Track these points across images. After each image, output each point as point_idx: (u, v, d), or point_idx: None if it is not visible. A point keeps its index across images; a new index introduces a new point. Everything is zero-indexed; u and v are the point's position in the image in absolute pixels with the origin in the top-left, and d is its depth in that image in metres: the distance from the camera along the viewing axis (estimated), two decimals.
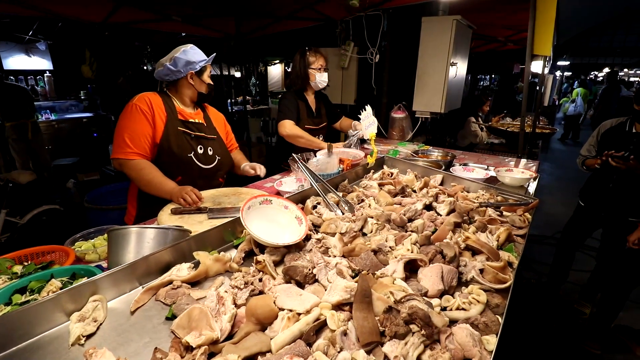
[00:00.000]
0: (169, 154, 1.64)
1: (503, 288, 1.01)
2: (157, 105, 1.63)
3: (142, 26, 4.12)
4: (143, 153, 1.59)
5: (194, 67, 1.68)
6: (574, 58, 18.75)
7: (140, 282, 0.98)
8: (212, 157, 1.80)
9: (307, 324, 0.78)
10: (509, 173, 2.10)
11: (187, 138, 1.70)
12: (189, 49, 1.68)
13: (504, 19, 4.13)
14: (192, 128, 1.74)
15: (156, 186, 1.57)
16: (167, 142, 1.63)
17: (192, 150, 1.71)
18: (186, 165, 1.70)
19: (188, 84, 1.72)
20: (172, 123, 1.66)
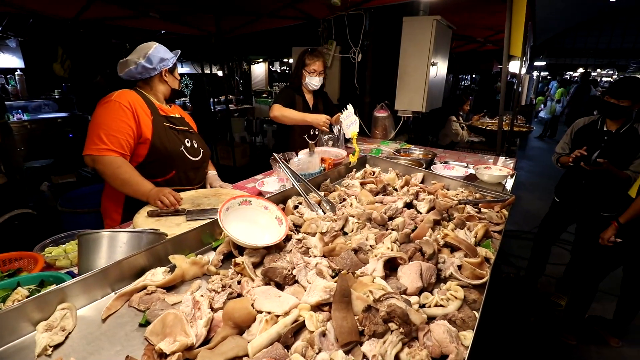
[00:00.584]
0: (161, 150, 1.63)
1: (480, 284, 1.03)
2: (138, 102, 1.60)
3: (119, 23, 4.00)
4: (120, 150, 1.52)
5: (167, 63, 1.68)
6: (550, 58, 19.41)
7: (112, 288, 0.95)
8: (198, 150, 1.82)
9: (285, 326, 0.77)
10: (488, 170, 2.14)
11: (174, 133, 1.70)
12: (158, 46, 1.67)
13: (482, 19, 4.23)
14: (175, 123, 1.74)
15: (133, 186, 1.52)
16: (159, 139, 1.62)
17: (182, 144, 1.72)
18: (179, 160, 1.70)
19: (162, 81, 1.72)
20: (158, 119, 1.65)
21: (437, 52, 2.96)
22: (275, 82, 11.51)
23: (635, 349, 2.42)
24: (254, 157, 6.50)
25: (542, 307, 2.83)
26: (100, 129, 1.50)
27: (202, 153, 1.84)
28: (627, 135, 2.28)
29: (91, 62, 6.11)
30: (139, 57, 1.61)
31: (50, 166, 5.36)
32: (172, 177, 1.69)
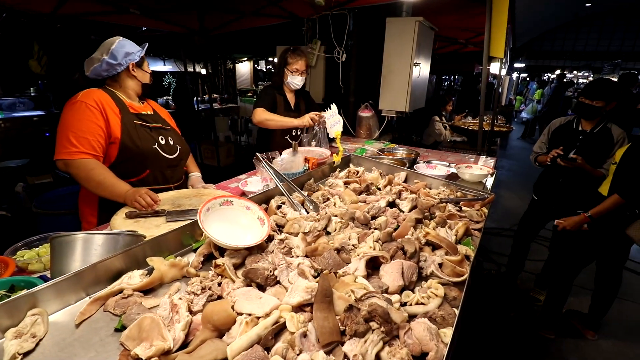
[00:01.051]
0: (132, 150, 1.57)
1: (460, 281, 1.05)
2: (106, 101, 1.54)
3: (98, 19, 3.88)
4: (92, 152, 1.48)
5: (134, 57, 1.62)
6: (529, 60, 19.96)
7: (87, 293, 0.92)
8: (174, 147, 1.77)
9: (265, 328, 0.76)
10: (469, 170, 2.19)
11: (146, 130, 1.65)
12: (121, 40, 1.60)
13: (463, 21, 4.31)
14: (147, 120, 1.68)
15: (108, 188, 1.48)
16: (129, 137, 1.56)
17: (155, 141, 1.66)
18: (152, 158, 1.65)
19: (131, 76, 1.66)
20: (127, 117, 1.59)
21: (419, 53, 3.00)
22: (260, 81, 11.44)
23: (610, 341, 2.51)
24: (238, 157, 6.43)
25: (522, 303, 2.90)
26: (70, 132, 1.45)
27: (179, 150, 1.79)
28: (601, 135, 2.37)
29: (69, 59, 5.90)
30: (102, 53, 1.55)
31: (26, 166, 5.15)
32: (147, 177, 1.65)
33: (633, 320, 2.74)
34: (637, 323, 2.71)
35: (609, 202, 2.07)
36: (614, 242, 2.20)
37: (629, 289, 3.10)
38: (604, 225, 2.18)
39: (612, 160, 2.26)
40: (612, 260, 2.30)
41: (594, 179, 2.37)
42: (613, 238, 2.18)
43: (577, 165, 2.30)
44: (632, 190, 1.99)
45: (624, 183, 2.04)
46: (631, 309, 2.88)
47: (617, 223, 2.11)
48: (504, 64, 4.73)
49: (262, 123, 2.40)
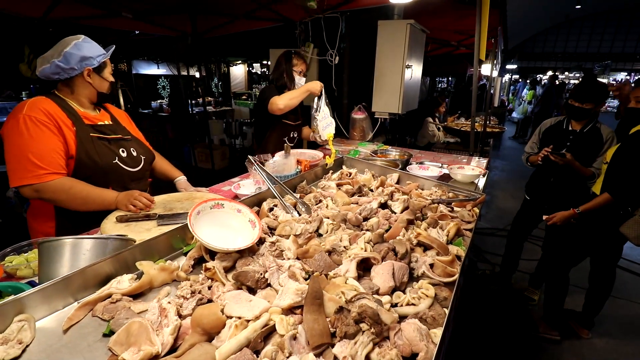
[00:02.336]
0: (90, 166, 1.43)
1: (451, 281, 1.05)
2: (55, 112, 1.38)
3: (89, 23, 3.86)
4: (61, 171, 1.35)
5: (91, 62, 1.44)
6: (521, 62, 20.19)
7: (75, 298, 0.91)
8: (137, 158, 1.64)
9: (254, 331, 0.76)
10: (461, 170, 2.20)
11: (105, 143, 1.49)
12: (81, 41, 1.42)
13: (454, 24, 4.35)
14: (105, 131, 1.52)
15: (96, 200, 1.39)
16: (85, 153, 1.41)
17: (115, 155, 1.52)
18: (114, 174, 1.51)
19: (85, 83, 1.47)
20: (82, 130, 1.43)
21: (411, 55, 3.02)
22: (255, 84, 11.44)
23: (604, 339, 2.53)
24: (233, 160, 6.42)
25: (517, 302, 2.92)
26: (29, 153, 1.29)
27: (144, 161, 1.66)
28: (590, 134, 2.40)
29: None
30: (54, 54, 1.39)
31: None
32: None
33: (626, 318, 2.77)
34: (630, 320, 2.74)
35: (598, 200, 2.10)
36: (607, 240, 2.23)
37: (622, 286, 3.13)
38: (597, 224, 2.21)
39: (603, 159, 2.29)
40: (605, 258, 2.32)
41: (584, 178, 2.39)
42: (607, 236, 2.20)
43: (567, 162, 2.32)
44: (621, 189, 2.02)
45: (613, 182, 2.07)
46: (624, 306, 2.90)
47: (610, 221, 2.13)
48: (495, 65, 4.78)
49: (287, 106, 2.39)
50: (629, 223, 2.06)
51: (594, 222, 2.22)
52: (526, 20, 14.92)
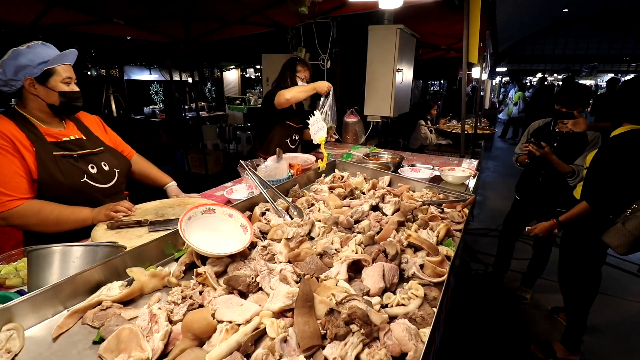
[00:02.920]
0: (56, 187, 1.33)
1: (440, 281, 1.07)
2: (11, 132, 1.28)
3: (80, 29, 3.85)
4: (27, 195, 1.28)
5: (32, 71, 1.29)
6: (511, 65, 20.49)
7: (65, 306, 0.90)
8: (110, 173, 1.52)
9: (245, 335, 0.76)
10: (451, 172, 2.23)
11: (70, 161, 1.38)
12: (24, 48, 1.29)
13: (443, 28, 4.41)
14: (70, 148, 1.41)
15: (69, 219, 1.32)
16: (48, 174, 1.31)
17: (84, 173, 1.41)
18: (84, 193, 1.41)
19: (31, 95, 1.34)
20: (43, 150, 1.33)
21: (402, 59, 3.06)
22: (248, 89, 11.46)
23: (595, 337, 2.55)
24: (227, 165, 6.40)
25: (509, 302, 2.95)
26: None
27: (118, 174, 1.55)
28: (576, 135, 2.44)
29: None
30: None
31: None
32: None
33: (617, 315, 2.80)
34: (621, 317, 2.78)
35: (577, 209, 2.06)
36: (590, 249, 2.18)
37: (612, 284, 3.18)
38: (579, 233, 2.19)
39: (584, 163, 2.32)
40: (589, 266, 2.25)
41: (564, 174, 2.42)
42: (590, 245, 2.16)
43: (543, 153, 2.34)
44: (599, 198, 1.97)
45: (591, 190, 2.02)
46: (615, 303, 2.94)
47: (592, 230, 2.09)
48: (485, 68, 4.85)
49: (290, 99, 2.46)
50: (612, 232, 2.01)
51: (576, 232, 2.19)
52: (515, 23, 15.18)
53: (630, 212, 1.94)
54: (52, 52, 1.35)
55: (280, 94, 2.48)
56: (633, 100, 1.90)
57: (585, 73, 18.84)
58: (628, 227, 1.91)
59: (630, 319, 2.75)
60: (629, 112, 1.91)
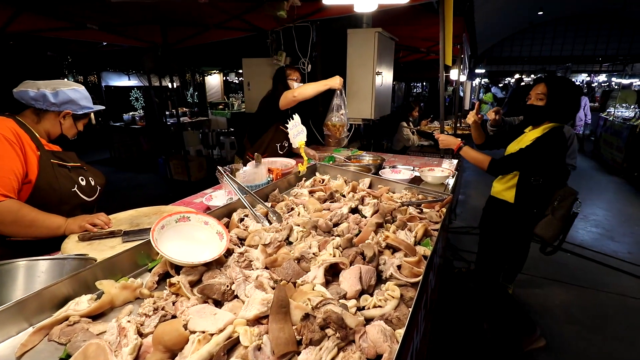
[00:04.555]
0: (49, 193, 1.39)
1: (417, 281, 1.08)
2: (22, 134, 1.37)
3: (54, 35, 3.75)
4: (11, 194, 1.30)
5: (74, 108, 1.52)
6: (490, 66, 21.05)
7: (30, 323, 0.87)
8: (95, 188, 1.61)
9: (217, 344, 0.75)
10: (431, 172, 2.26)
11: (65, 171, 1.47)
12: (82, 89, 1.55)
13: (420, 32, 4.50)
14: (65, 159, 1.50)
15: (43, 224, 1.33)
16: (46, 179, 1.38)
17: (75, 183, 1.49)
18: (70, 202, 1.47)
19: (56, 121, 1.51)
20: (45, 155, 1.42)
21: (381, 62, 3.10)
22: (232, 93, 11.37)
23: (573, 328, 2.63)
24: (211, 171, 6.32)
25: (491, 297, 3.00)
26: None
27: (98, 191, 1.64)
28: None
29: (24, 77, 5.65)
30: (48, 86, 1.45)
31: None
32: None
33: (593, 306, 2.89)
34: (597, 309, 2.87)
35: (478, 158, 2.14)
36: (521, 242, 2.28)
37: (588, 277, 3.29)
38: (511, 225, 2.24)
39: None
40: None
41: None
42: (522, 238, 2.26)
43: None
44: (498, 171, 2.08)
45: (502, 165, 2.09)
46: (591, 295, 3.04)
47: (524, 223, 2.16)
48: (463, 70, 4.96)
49: (297, 97, 2.49)
50: (542, 224, 2.08)
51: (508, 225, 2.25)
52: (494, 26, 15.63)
53: (557, 203, 2.02)
54: (89, 102, 1.59)
55: (286, 93, 2.53)
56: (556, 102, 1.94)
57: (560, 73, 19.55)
58: (557, 216, 2.00)
59: (606, 310, 2.85)
60: (552, 113, 1.97)
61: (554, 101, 1.93)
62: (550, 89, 1.95)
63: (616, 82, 15.46)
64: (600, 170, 7.35)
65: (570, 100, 1.94)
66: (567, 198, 2.03)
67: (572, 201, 2.03)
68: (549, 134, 1.95)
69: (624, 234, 4.28)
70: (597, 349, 2.42)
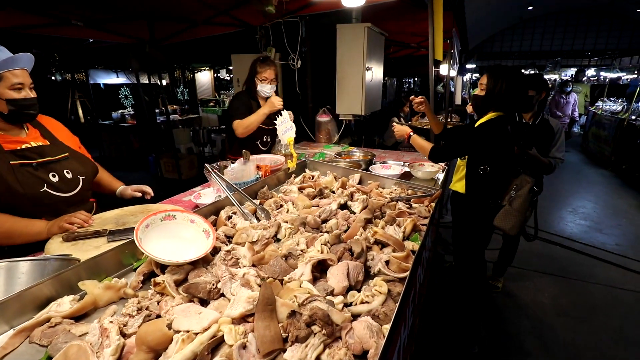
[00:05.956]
0: (15, 198, 1.29)
1: (405, 276, 1.08)
2: None
3: (37, 32, 3.66)
4: None
5: None
6: (481, 61, 21.16)
7: (10, 325, 0.85)
8: (74, 180, 1.47)
9: (200, 344, 0.74)
10: (421, 168, 2.27)
11: (29, 170, 1.34)
12: None
13: (409, 27, 4.49)
14: (29, 156, 1.36)
15: (22, 232, 1.28)
16: (5, 185, 1.27)
17: (44, 182, 1.36)
18: (44, 203, 1.36)
19: None
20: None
21: (371, 58, 3.09)
22: (223, 90, 11.26)
23: (562, 319, 2.67)
24: (202, 169, 6.26)
25: (481, 290, 3.03)
26: None
27: (82, 181, 1.50)
28: (541, 126, 2.55)
29: None
30: None
31: None
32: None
33: (581, 298, 2.94)
34: (585, 300, 2.92)
35: (424, 144, 2.10)
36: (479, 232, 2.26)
37: (577, 269, 3.34)
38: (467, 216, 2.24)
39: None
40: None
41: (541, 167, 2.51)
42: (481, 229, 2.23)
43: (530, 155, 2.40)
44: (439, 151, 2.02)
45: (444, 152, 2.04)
46: (580, 287, 3.09)
47: (482, 215, 2.14)
48: (453, 65, 4.98)
49: (245, 133, 2.42)
50: (500, 215, 2.06)
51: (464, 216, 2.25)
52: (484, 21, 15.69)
53: (514, 192, 2.03)
54: (2, 55, 1.27)
55: (235, 126, 2.42)
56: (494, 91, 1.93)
57: (549, 68, 19.75)
58: (515, 206, 2.00)
59: (593, 302, 2.90)
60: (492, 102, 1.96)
61: (492, 90, 1.92)
62: (489, 78, 1.95)
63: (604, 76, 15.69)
64: (588, 164, 7.46)
65: (509, 90, 1.90)
66: (523, 187, 2.02)
67: (529, 189, 2.02)
68: (488, 122, 1.95)
69: (612, 226, 4.35)
70: (584, 340, 2.47)
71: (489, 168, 1.99)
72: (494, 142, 1.93)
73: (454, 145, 2.05)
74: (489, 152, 1.97)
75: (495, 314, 2.73)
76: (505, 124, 1.93)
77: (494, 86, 1.92)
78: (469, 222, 2.23)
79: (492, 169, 1.99)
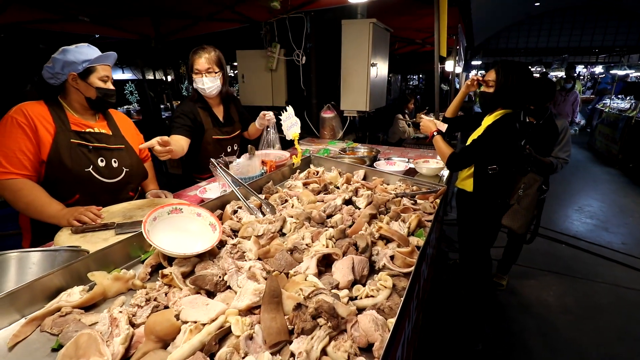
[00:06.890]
0: (61, 171, 1.45)
1: (409, 271, 1.09)
2: (39, 116, 1.43)
3: (44, 27, 3.68)
4: (23, 172, 1.39)
5: (76, 68, 1.47)
6: (487, 58, 20.97)
7: (22, 314, 0.87)
8: (117, 170, 1.62)
9: (208, 334, 0.75)
10: (425, 164, 2.27)
11: (84, 151, 1.51)
12: (73, 47, 1.48)
13: (415, 22, 4.46)
14: (89, 139, 1.54)
15: (36, 209, 1.38)
16: (58, 157, 1.44)
17: (91, 164, 1.52)
18: (85, 182, 1.51)
19: (73, 88, 1.52)
20: (63, 135, 1.46)
21: (376, 54, 3.07)
22: None
23: (565, 317, 2.67)
24: None
25: (486, 288, 3.03)
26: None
27: (125, 173, 1.65)
28: (546, 126, 2.53)
29: (16, 70, 5.56)
30: (49, 60, 1.46)
31: None
32: (77, 201, 1.52)
33: (585, 296, 2.93)
34: (589, 298, 2.91)
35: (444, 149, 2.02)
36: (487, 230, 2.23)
37: (581, 267, 3.33)
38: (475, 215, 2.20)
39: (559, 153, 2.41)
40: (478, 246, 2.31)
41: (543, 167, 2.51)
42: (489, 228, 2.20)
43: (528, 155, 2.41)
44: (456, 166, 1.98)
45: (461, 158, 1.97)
46: (584, 285, 3.08)
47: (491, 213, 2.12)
48: (459, 61, 4.94)
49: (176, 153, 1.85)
50: (509, 214, 2.04)
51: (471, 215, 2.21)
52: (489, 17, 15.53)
53: (522, 191, 2.00)
54: (94, 53, 1.52)
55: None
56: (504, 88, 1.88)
57: (556, 65, 19.53)
58: (523, 205, 1.98)
59: (597, 300, 2.89)
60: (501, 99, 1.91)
61: (502, 87, 1.87)
62: (498, 75, 1.89)
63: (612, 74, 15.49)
64: (595, 162, 7.40)
65: (519, 86, 1.86)
66: (532, 185, 1.99)
67: (538, 188, 1.99)
68: (498, 121, 1.91)
69: (619, 224, 4.32)
70: (589, 338, 2.46)
71: (497, 168, 1.97)
72: (505, 141, 1.90)
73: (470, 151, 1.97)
74: (500, 151, 1.94)
75: (500, 312, 2.73)
76: (514, 122, 1.90)
77: (505, 82, 1.87)
78: (476, 220, 2.21)
79: (501, 168, 1.97)
